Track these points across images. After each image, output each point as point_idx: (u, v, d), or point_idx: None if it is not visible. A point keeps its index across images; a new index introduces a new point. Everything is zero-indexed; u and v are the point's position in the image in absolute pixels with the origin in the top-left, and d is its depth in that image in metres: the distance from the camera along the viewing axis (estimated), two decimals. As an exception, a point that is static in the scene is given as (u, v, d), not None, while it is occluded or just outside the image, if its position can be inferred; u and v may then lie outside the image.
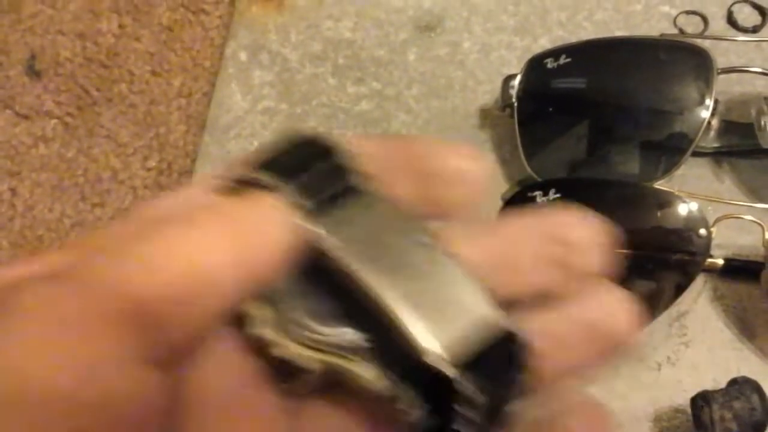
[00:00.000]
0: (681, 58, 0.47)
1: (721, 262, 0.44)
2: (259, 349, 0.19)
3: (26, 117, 0.54)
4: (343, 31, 0.55)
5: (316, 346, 0.20)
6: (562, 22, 0.54)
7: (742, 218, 0.42)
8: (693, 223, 0.42)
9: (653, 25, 0.54)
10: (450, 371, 0.18)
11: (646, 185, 0.45)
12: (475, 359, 0.19)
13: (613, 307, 0.23)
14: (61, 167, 0.52)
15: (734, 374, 0.40)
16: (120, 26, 0.56)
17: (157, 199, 0.22)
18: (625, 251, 0.42)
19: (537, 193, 0.44)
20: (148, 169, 0.52)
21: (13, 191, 0.51)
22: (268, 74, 0.54)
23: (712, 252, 0.43)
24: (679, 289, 0.42)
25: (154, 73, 0.55)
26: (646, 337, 0.44)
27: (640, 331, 0.23)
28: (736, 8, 0.54)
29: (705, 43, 0.48)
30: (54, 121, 0.53)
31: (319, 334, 0.20)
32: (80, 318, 0.17)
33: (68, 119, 0.53)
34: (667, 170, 0.46)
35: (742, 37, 0.52)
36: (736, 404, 0.38)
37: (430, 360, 0.18)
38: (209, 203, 0.20)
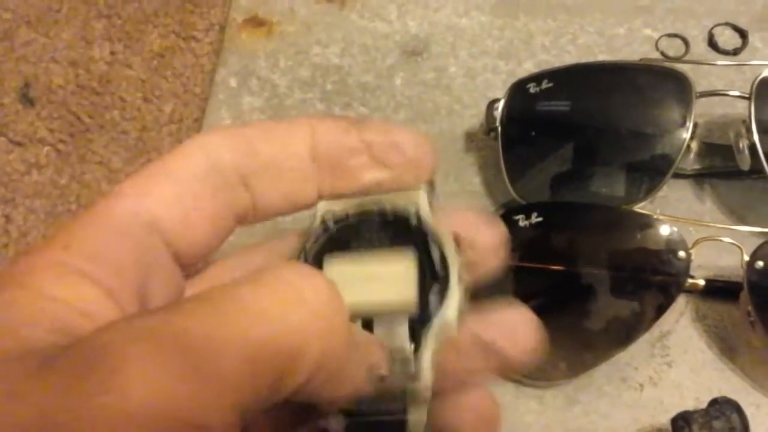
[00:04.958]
0: (660, 82, 0.48)
1: (702, 282, 0.45)
2: None
3: (19, 144, 0.54)
4: (331, 57, 0.56)
5: None
6: (546, 46, 0.55)
7: (721, 240, 0.43)
8: (672, 245, 0.43)
9: (635, 49, 0.55)
10: None
11: (625, 209, 0.45)
12: None
13: (515, 327, 0.26)
14: (54, 194, 0.53)
15: (716, 394, 0.40)
16: (112, 53, 0.57)
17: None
18: (607, 273, 0.43)
19: (519, 216, 0.44)
20: (140, 195, 0.52)
21: (7, 218, 0.52)
22: (258, 100, 0.54)
23: (694, 273, 0.44)
24: (661, 310, 0.43)
25: (145, 99, 0.56)
26: (628, 357, 0.44)
27: (537, 350, 0.26)
28: (717, 31, 0.55)
29: (686, 66, 0.49)
30: (47, 147, 0.54)
31: None
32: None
33: (61, 146, 0.54)
34: (649, 192, 0.47)
35: (721, 61, 0.53)
36: (716, 424, 0.39)
37: None
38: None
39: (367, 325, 0.25)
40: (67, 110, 0.55)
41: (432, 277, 0.26)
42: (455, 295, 0.26)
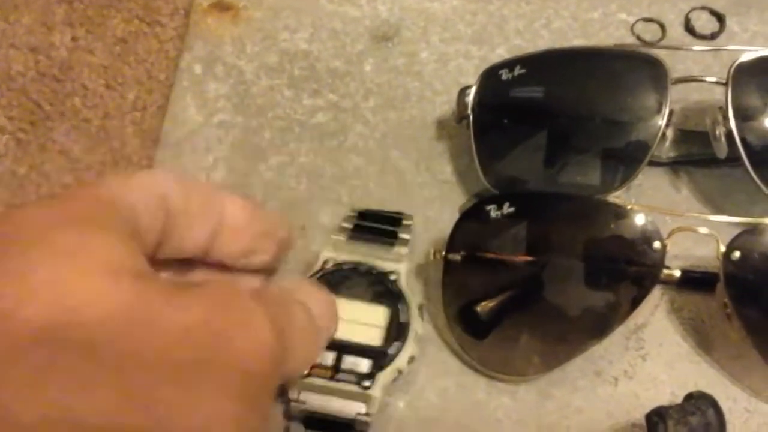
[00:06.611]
0: (635, 67, 0.46)
1: (678, 273, 0.44)
2: None
3: (-23, 133, 0.53)
4: (299, 42, 0.54)
5: None
6: (520, 30, 0.54)
7: (696, 231, 0.42)
8: (647, 235, 0.42)
9: (611, 33, 0.54)
10: None
11: (599, 199, 0.44)
12: None
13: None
14: (13, 184, 0.51)
15: (692, 388, 0.40)
16: (73, 39, 0.56)
17: None
18: (580, 265, 0.42)
19: (491, 206, 0.43)
20: (102, 185, 0.51)
21: (-36, 209, 0.51)
22: (223, 87, 0.53)
23: (670, 263, 0.43)
24: (636, 302, 0.42)
25: (107, 86, 0.54)
26: (602, 350, 0.43)
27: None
28: (693, 15, 0.54)
29: (662, 51, 0.48)
30: (6, 136, 0.52)
31: None
32: None
33: (20, 134, 0.52)
34: (624, 181, 0.46)
35: (698, 46, 0.52)
36: (692, 420, 0.38)
37: None
38: None
39: (341, 350, 0.38)
40: (26, 98, 0.54)
41: (396, 331, 0.39)
42: (409, 348, 0.39)
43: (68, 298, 0.22)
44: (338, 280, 0.39)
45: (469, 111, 0.47)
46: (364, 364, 0.38)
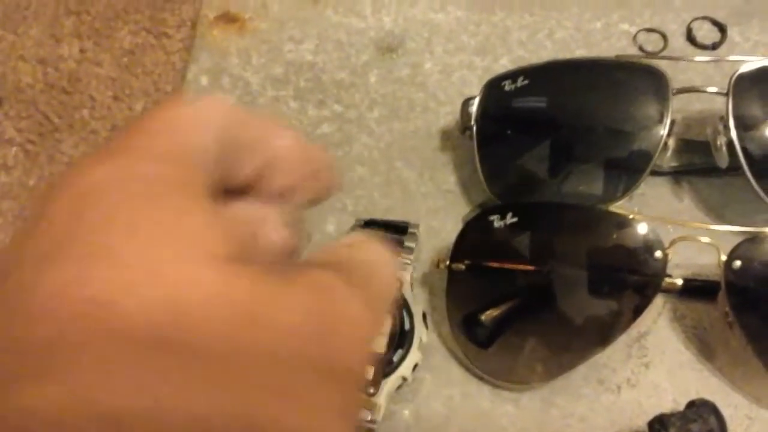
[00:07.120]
0: (637, 78, 0.47)
1: (680, 282, 0.44)
2: None
3: (-13, 145, 0.53)
4: (305, 53, 0.55)
5: None
6: (523, 41, 0.55)
7: (698, 240, 0.42)
8: (649, 244, 0.42)
9: (613, 44, 0.54)
10: None
11: (602, 209, 0.45)
12: None
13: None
14: (22, 196, 0.52)
15: (694, 395, 0.40)
16: (81, 51, 0.56)
17: None
18: (583, 274, 0.43)
19: (495, 216, 0.44)
20: (110, 196, 0.51)
21: (-26, 220, 0.51)
22: (230, 98, 0.53)
23: (672, 272, 0.43)
24: (638, 311, 0.42)
25: (115, 98, 0.55)
26: (606, 358, 0.44)
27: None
28: (695, 25, 0.54)
29: (664, 61, 0.48)
30: (15, 148, 0.53)
31: None
32: None
33: (29, 146, 0.53)
34: (627, 190, 0.46)
35: (699, 57, 0.52)
36: (694, 427, 0.38)
37: None
38: None
39: None
40: (35, 109, 0.54)
41: (400, 338, 0.40)
42: (413, 355, 0.40)
43: (170, 290, 0.19)
44: None
45: (473, 122, 0.48)
46: (368, 372, 0.38)
